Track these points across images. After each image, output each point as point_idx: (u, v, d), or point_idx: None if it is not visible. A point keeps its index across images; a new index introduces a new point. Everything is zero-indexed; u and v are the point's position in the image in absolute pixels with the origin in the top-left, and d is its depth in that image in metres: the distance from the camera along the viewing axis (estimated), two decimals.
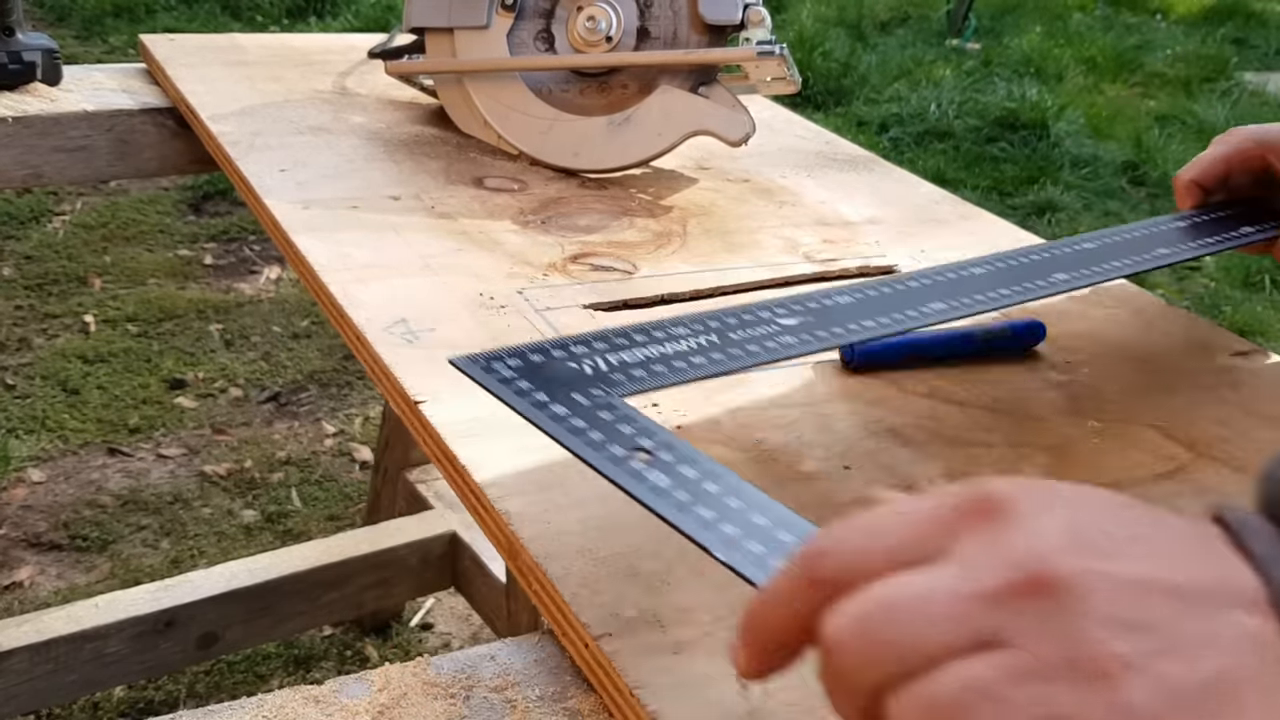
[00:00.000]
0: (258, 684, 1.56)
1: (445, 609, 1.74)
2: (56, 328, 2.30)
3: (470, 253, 0.76)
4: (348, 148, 0.91)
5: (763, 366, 0.65)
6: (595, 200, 0.87)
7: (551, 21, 0.92)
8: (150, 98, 1.04)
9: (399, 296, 0.68)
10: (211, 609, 1.32)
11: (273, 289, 2.54)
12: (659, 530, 0.51)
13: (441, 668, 0.46)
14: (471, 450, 0.55)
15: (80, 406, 2.06)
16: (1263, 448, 0.64)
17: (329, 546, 1.43)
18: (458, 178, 0.88)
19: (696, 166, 0.97)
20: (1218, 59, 4.63)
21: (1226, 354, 0.75)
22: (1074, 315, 0.77)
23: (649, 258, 0.78)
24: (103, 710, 1.48)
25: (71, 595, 1.62)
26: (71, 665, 1.24)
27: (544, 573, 0.48)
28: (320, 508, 1.89)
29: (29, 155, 0.98)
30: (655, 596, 0.47)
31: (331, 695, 0.44)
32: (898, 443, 0.60)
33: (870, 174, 1.01)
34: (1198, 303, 2.83)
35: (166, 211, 2.81)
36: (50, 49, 1.01)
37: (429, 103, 1.03)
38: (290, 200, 0.80)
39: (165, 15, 4.00)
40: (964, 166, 3.38)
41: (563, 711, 0.45)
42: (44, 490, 1.87)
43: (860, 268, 0.80)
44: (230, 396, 2.16)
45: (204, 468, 1.95)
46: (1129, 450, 0.62)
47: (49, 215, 2.72)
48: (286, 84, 1.04)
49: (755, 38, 0.87)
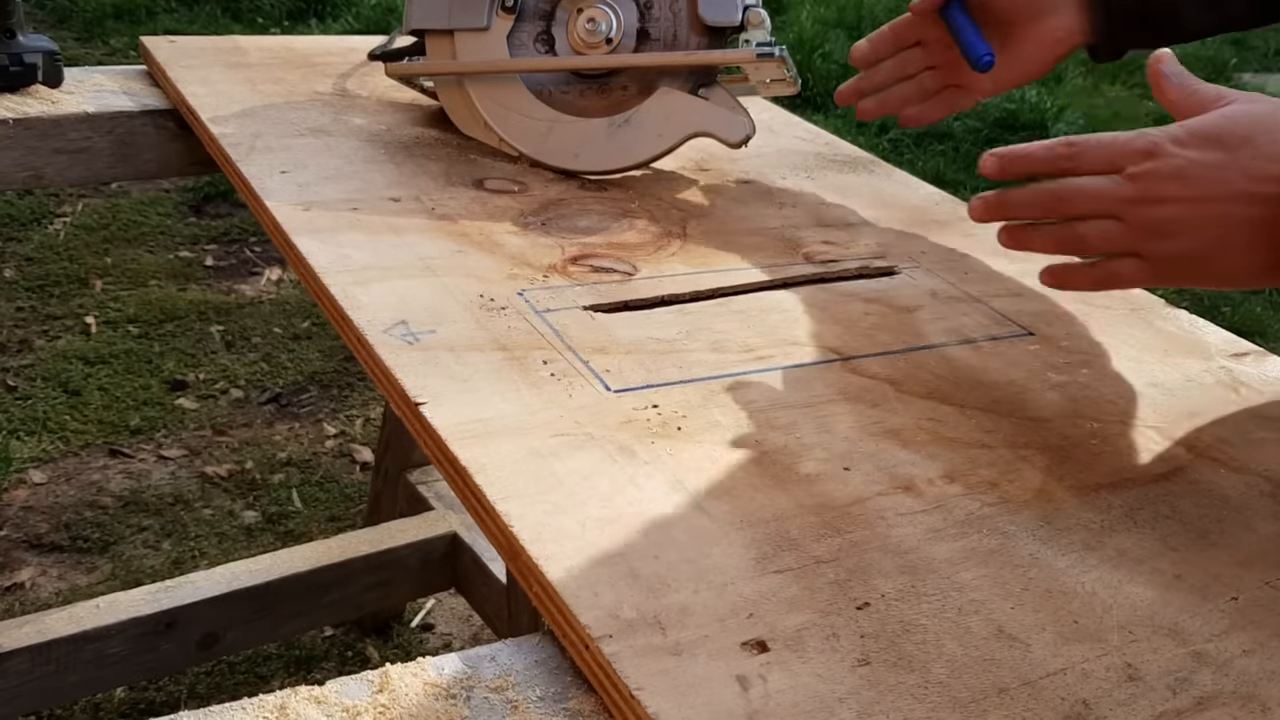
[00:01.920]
0: (259, 685, 1.56)
1: (446, 610, 1.74)
2: (58, 329, 2.30)
3: (470, 254, 0.76)
4: (348, 149, 0.91)
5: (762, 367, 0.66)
6: (595, 202, 0.87)
7: (551, 23, 0.93)
8: (151, 100, 1.04)
9: (399, 298, 0.69)
10: (212, 610, 1.32)
11: (273, 290, 2.54)
12: (659, 532, 0.51)
13: (442, 668, 0.47)
14: (472, 452, 0.55)
15: (81, 408, 2.06)
16: (1263, 448, 0.64)
17: (330, 547, 1.43)
18: (458, 179, 0.88)
19: (696, 168, 0.97)
20: (1216, 60, 4.63)
21: (1226, 354, 0.75)
22: (1074, 315, 0.77)
23: (649, 259, 0.79)
24: (104, 711, 1.48)
25: (73, 596, 1.62)
26: (72, 666, 1.24)
27: (544, 574, 0.48)
28: (321, 509, 1.89)
29: (30, 157, 0.99)
30: (655, 598, 0.47)
31: (332, 696, 0.45)
32: (897, 443, 0.60)
33: (870, 175, 1.01)
34: (1197, 303, 2.83)
35: (167, 213, 2.81)
36: (51, 51, 1.01)
37: (429, 105, 1.03)
38: (291, 202, 0.80)
39: (166, 17, 3.99)
40: (964, 168, 3.38)
41: (563, 712, 0.45)
42: (45, 491, 1.87)
43: (860, 268, 0.80)
44: (231, 398, 2.16)
45: (205, 469, 1.95)
46: (1128, 451, 0.62)
47: (50, 217, 2.72)
48: (287, 86, 1.04)
49: (755, 39, 0.87)
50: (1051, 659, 0.47)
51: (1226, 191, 0.60)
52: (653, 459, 0.56)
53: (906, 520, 0.54)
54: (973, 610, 0.49)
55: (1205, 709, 0.45)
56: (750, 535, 0.52)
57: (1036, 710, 0.44)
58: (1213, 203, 0.60)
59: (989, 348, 0.72)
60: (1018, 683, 0.45)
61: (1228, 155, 0.60)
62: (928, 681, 0.45)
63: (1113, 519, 0.56)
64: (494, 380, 0.61)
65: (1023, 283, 0.82)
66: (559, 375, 0.63)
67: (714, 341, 0.69)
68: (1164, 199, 0.61)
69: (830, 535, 0.53)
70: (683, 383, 0.64)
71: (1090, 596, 0.51)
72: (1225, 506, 0.58)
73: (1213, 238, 0.61)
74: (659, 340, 0.68)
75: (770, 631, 0.46)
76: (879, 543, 0.52)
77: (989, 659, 0.46)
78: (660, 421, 0.60)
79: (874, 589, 0.49)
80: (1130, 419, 0.65)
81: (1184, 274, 0.64)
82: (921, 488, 0.57)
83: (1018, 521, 0.55)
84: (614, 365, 0.64)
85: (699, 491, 0.54)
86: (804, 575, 0.50)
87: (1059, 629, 0.49)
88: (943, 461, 0.59)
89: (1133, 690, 0.46)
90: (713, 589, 0.48)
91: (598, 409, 0.60)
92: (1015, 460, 0.60)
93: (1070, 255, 0.67)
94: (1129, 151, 0.62)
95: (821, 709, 0.43)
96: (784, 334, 0.71)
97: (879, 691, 0.44)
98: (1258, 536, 0.56)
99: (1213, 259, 0.62)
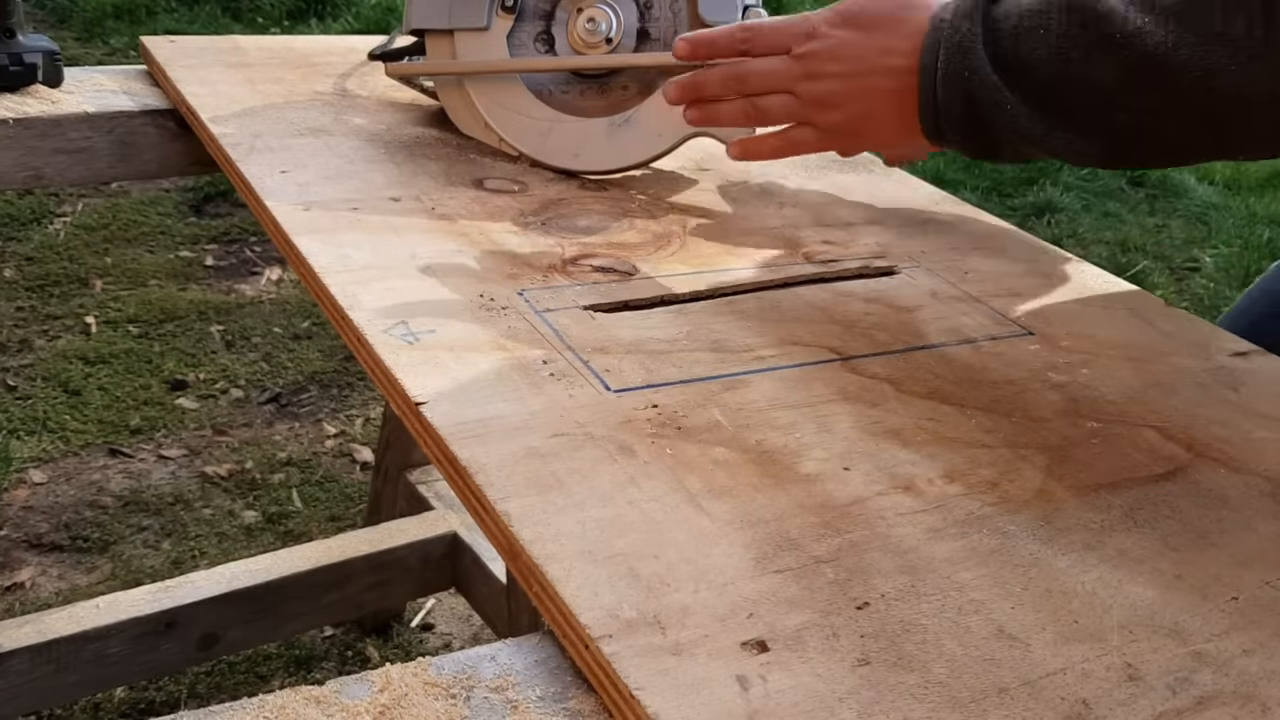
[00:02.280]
0: (259, 685, 1.56)
1: (446, 610, 1.74)
2: (58, 329, 2.30)
3: (470, 254, 0.76)
4: (348, 149, 0.91)
5: (762, 367, 0.66)
6: (595, 201, 0.87)
7: (551, 23, 0.93)
8: (151, 99, 1.04)
9: (399, 298, 0.69)
10: (212, 610, 1.32)
11: (273, 290, 2.54)
12: (659, 532, 0.51)
13: (442, 668, 0.47)
14: (472, 451, 0.55)
15: (81, 407, 2.06)
16: (1263, 448, 0.64)
17: (330, 547, 1.43)
18: (458, 179, 0.88)
19: (696, 167, 0.97)
20: None
21: (1226, 354, 0.75)
22: (1074, 315, 0.77)
23: (649, 259, 0.79)
24: (104, 711, 1.48)
25: (73, 596, 1.62)
26: (72, 666, 1.24)
27: (544, 574, 0.48)
28: (321, 508, 1.89)
29: (30, 157, 0.99)
30: (655, 598, 0.47)
31: (332, 696, 0.45)
32: (897, 443, 0.60)
33: (870, 175, 1.01)
34: (1197, 303, 2.83)
35: (167, 213, 2.81)
36: (51, 51, 1.01)
37: (429, 104, 1.03)
38: (291, 202, 0.80)
39: (166, 17, 4.00)
40: (963, 167, 3.38)
41: (563, 712, 0.45)
42: (45, 491, 1.87)
43: (860, 268, 0.80)
44: (231, 397, 2.16)
45: (205, 469, 1.95)
46: (1128, 450, 0.62)
47: (50, 217, 2.72)
48: (287, 86, 1.04)
49: None
50: (1051, 659, 0.47)
51: (868, 67, 0.72)
52: (653, 459, 0.56)
53: (906, 520, 0.54)
54: (973, 610, 0.49)
55: (1205, 709, 0.45)
56: (750, 535, 0.52)
57: (1036, 710, 0.44)
58: (861, 77, 0.72)
59: (989, 348, 0.72)
60: (1018, 683, 0.45)
61: (866, 35, 0.72)
62: (928, 681, 0.45)
63: (1113, 519, 0.56)
64: (494, 380, 0.61)
65: (1023, 282, 0.82)
66: (559, 375, 0.63)
67: (714, 341, 0.69)
68: (823, 75, 0.73)
69: (830, 535, 0.53)
70: (683, 383, 0.64)
71: (1090, 596, 0.51)
72: (1225, 506, 0.58)
73: (864, 107, 0.73)
74: (659, 340, 0.68)
75: (770, 631, 0.46)
76: (879, 543, 0.52)
77: (989, 659, 0.46)
78: (660, 421, 0.60)
79: (874, 589, 0.49)
80: (1130, 419, 0.65)
81: (848, 140, 0.78)
82: (921, 488, 0.57)
83: (1018, 521, 0.55)
84: (614, 365, 0.64)
85: (699, 491, 0.54)
86: (804, 575, 0.50)
87: (1059, 629, 0.49)
88: (943, 461, 0.59)
89: (1133, 690, 0.46)
90: (713, 589, 0.48)
91: (598, 409, 0.60)
92: (1015, 460, 0.60)
93: (754, 127, 0.81)
94: (793, 33, 0.74)
95: (821, 709, 0.43)
96: (784, 334, 0.71)
97: (879, 691, 0.44)
98: (1258, 536, 0.56)
99: (867, 125, 0.74)
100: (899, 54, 0.71)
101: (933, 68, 0.69)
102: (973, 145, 0.71)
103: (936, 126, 0.71)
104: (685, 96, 0.79)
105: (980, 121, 0.69)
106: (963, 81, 0.68)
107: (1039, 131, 0.67)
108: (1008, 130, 0.68)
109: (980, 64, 0.67)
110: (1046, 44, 0.65)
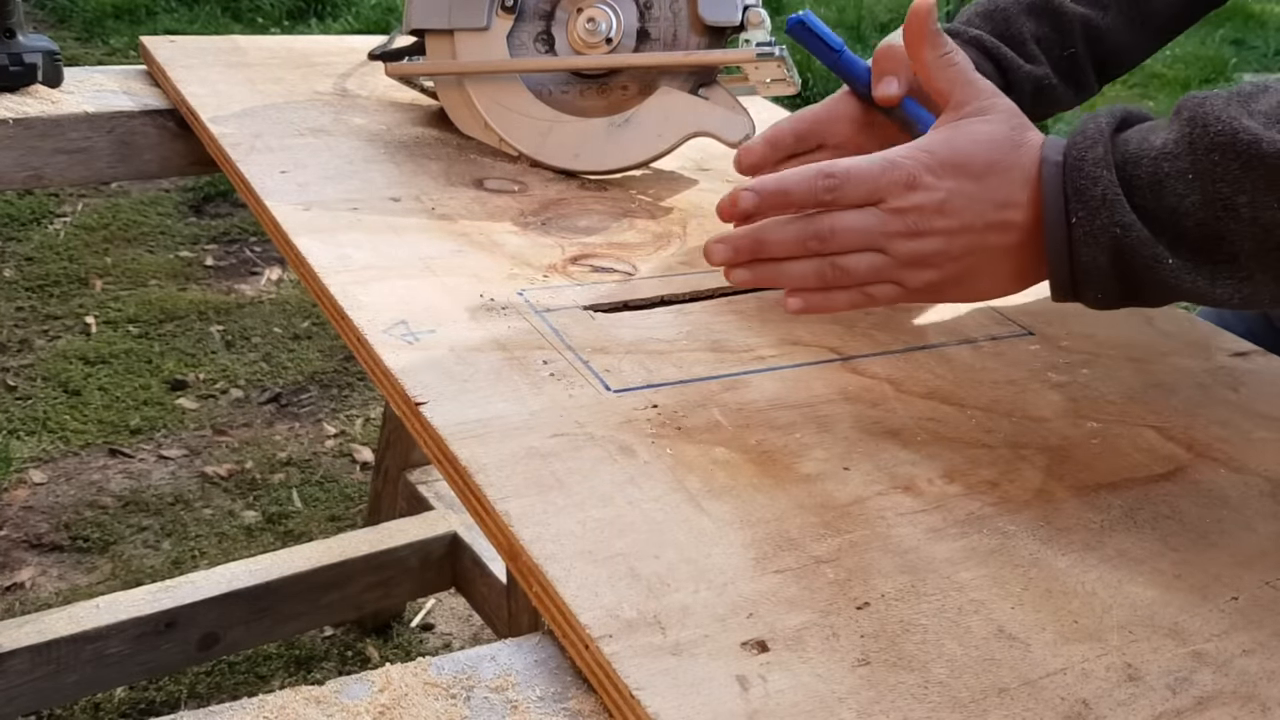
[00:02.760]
0: (259, 685, 1.56)
1: (446, 610, 1.74)
2: (58, 329, 2.30)
3: (470, 254, 0.76)
4: (348, 149, 0.91)
5: (762, 367, 0.66)
6: (595, 201, 0.88)
7: (551, 23, 0.93)
8: (151, 99, 1.04)
9: (399, 298, 0.69)
10: (212, 610, 1.32)
11: (273, 290, 2.54)
12: (659, 532, 0.51)
13: (442, 668, 0.47)
14: (472, 451, 0.55)
15: (81, 408, 2.06)
16: (1263, 448, 0.64)
17: (330, 547, 1.43)
18: (458, 179, 0.88)
19: (696, 168, 0.97)
20: (1217, 60, 4.63)
21: (1226, 354, 0.75)
22: (1074, 315, 0.77)
23: (649, 259, 0.79)
24: (104, 711, 1.48)
25: (73, 596, 1.62)
26: (72, 666, 1.24)
27: (544, 574, 0.48)
28: (321, 508, 1.89)
29: (30, 157, 0.99)
30: (655, 598, 0.47)
31: (332, 696, 0.45)
32: (898, 443, 0.60)
33: None
34: None
35: (167, 213, 2.81)
36: (51, 51, 1.01)
37: (429, 104, 1.03)
38: (291, 202, 0.80)
39: (166, 17, 4.00)
40: None
41: (563, 712, 0.45)
42: (45, 491, 1.87)
43: None
44: (231, 397, 2.16)
45: (205, 469, 1.95)
46: (1128, 451, 0.62)
47: (50, 217, 2.72)
48: (287, 86, 1.04)
49: (755, 39, 0.87)
50: (1051, 659, 0.47)
51: (984, 223, 0.61)
52: (653, 459, 0.56)
53: (906, 520, 0.54)
54: (973, 610, 0.49)
55: (1205, 709, 0.45)
56: (750, 535, 0.52)
57: (1036, 710, 0.44)
58: (974, 234, 0.62)
59: (989, 347, 0.72)
60: (1018, 682, 0.45)
61: (978, 185, 0.61)
62: (928, 681, 0.45)
63: (1113, 519, 0.56)
64: (494, 380, 0.61)
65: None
66: (559, 375, 0.63)
67: (714, 341, 0.69)
68: (929, 232, 0.61)
69: (830, 535, 0.53)
70: (683, 383, 0.64)
71: (1090, 596, 0.51)
72: (1225, 506, 0.58)
73: (968, 265, 0.62)
74: (659, 340, 0.68)
75: (770, 631, 0.46)
76: (879, 542, 0.52)
77: (989, 659, 0.46)
78: (660, 421, 0.60)
79: (874, 589, 0.49)
80: (1130, 419, 0.65)
81: (934, 298, 0.65)
82: (921, 487, 0.57)
83: (1018, 521, 0.55)
84: (614, 365, 0.64)
85: (699, 491, 0.54)
86: (804, 575, 0.50)
87: (1059, 629, 0.49)
88: (943, 461, 0.59)
89: (1133, 690, 0.46)
90: (713, 589, 0.48)
91: (598, 409, 0.60)
92: (1015, 460, 0.60)
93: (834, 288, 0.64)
94: (889, 182, 0.61)
95: (821, 709, 0.43)
96: (784, 334, 0.71)
97: (879, 691, 0.44)
98: (1258, 536, 0.56)
99: (965, 283, 0.63)
100: (1016, 206, 0.61)
101: (1062, 223, 0.60)
102: (1112, 300, 0.62)
103: (1072, 285, 0.61)
104: (742, 258, 0.63)
105: (1131, 279, 0.60)
106: (1112, 240, 0.59)
107: (1203, 285, 0.58)
108: (1163, 286, 0.59)
109: (1128, 219, 0.58)
110: (1195, 189, 0.57)
